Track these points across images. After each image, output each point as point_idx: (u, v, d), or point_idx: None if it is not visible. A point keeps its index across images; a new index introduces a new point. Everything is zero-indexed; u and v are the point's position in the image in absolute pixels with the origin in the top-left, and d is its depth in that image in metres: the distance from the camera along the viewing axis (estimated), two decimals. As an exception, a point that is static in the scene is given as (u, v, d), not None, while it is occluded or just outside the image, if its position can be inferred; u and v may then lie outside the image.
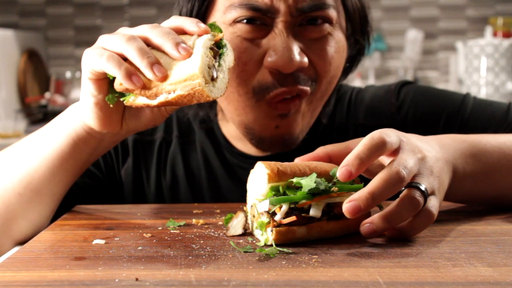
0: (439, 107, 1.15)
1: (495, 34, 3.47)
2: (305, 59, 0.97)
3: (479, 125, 1.12)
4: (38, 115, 3.49)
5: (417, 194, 0.77)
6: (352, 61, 1.14)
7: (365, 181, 0.85)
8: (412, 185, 0.77)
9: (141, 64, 0.77)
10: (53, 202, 0.96)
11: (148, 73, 0.77)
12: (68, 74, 3.53)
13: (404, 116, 1.16)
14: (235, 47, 0.97)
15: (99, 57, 0.81)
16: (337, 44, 1.02)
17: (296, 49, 0.96)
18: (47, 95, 3.44)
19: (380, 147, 0.77)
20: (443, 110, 1.15)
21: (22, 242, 0.94)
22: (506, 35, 3.49)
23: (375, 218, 0.76)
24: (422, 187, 0.78)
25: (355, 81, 3.68)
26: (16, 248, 0.85)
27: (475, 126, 1.12)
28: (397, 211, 0.76)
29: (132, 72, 0.78)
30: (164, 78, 0.76)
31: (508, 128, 1.11)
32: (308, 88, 0.99)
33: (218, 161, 1.15)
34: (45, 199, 0.94)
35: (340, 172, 0.75)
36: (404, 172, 0.76)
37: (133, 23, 3.75)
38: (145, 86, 0.77)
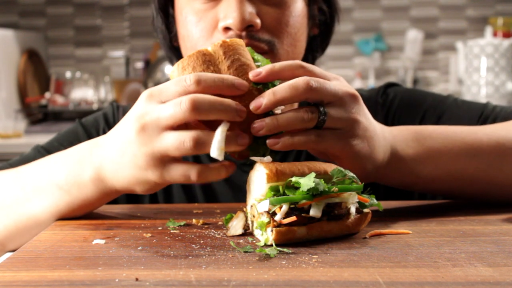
0: (418, 104, 1.19)
1: (495, 34, 3.47)
2: (258, 20, 1.01)
3: (453, 118, 1.14)
4: (38, 115, 3.49)
5: (312, 109, 0.79)
6: (321, 34, 1.18)
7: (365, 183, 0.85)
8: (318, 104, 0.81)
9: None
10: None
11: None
12: (68, 74, 3.53)
13: (386, 112, 1.19)
14: (192, 18, 1.05)
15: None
16: (295, 8, 1.06)
17: (248, 7, 1.00)
18: (47, 95, 3.44)
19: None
20: (421, 106, 1.18)
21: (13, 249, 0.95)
22: (506, 35, 3.49)
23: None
24: (321, 108, 0.80)
25: (355, 81, 3.68)
26: (8, 254, 0.85)
27: (449, 119, 1.14)
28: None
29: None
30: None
31: (480, 123, 1.11)
32: (264, 46, 1.02)
33: (208, 159, 1.15)
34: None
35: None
36: (314, 83, 0.79)
37: (133, 23, 3.75)
38: None
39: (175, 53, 1.19)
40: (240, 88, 0.77)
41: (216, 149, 0.75)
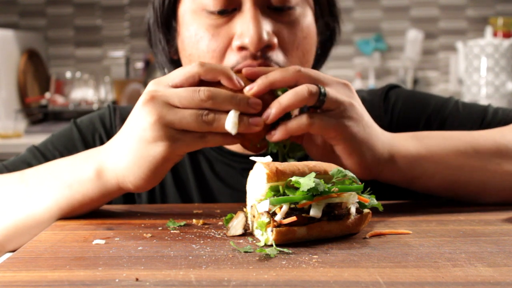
0: (421, 108, 1.18)
1: (495, 34, 3.47)
2: (275, 40, 0.97)
3: (455, 124, 1.14)
4: (38, 115, 3.49)
5: (313, 88, 0.84)
6: (324, 47, 1.16)
7: (365, 182, 0.85)
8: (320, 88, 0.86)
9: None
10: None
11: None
12: (68, 74, 3.53)
13: (389, 118, 1.18)
14: (203, 35, 0.99)
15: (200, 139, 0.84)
16: (307, 28, 1.03)
17: (265, 25, 0.96)
18: (47, 95, 3.44)
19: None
20: (425, 111, 1.17)
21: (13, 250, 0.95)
22: (506, 35, 3.49)
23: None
24: (321, 88, 0.85)
25: (355, 81, 3.68)
26: (8, 254, 0.85)
27: (452, 125, 1.14)
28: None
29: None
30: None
31: (482, 128, 1.11)
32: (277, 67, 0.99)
33: (205, 163, 1.15)
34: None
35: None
36: (303, 69, 0.86)
37: (133, 23, 3.75)
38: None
39: (174, 67, 1.12)
40: (255, 108, 0.84)
41: (230, 123, 0.82)
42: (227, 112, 0.83)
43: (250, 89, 0.85)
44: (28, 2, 3.75)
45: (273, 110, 0.84)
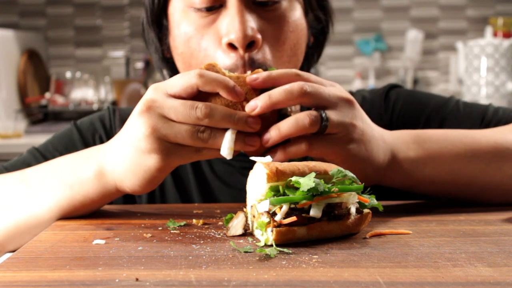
0: (421, 107, 1.18)
1: (495, 34, 3.47)
2: (259, 36, 0.98)
3: (455, 123, 1.14)
4: (38, 115, 3.49)
5: (315, 117, 0.82)
6: (317, 41, 1.16)
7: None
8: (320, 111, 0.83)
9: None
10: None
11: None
12: (68, 74, 3.53)
13: (389, 117, 1.19)
14: (193, 34, 1.00)
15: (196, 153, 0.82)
16: (294, 23, 1.03)
17: (250, 21, 0.97)
18: (47, 95, 3.44)
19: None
20: (424, 110, 1.18)
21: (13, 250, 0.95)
22: (506, 35, 3.49)
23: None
24: (323, 114, 0.83)
25: (355, 81, 3.68)
26: (8, 255, 0.85)
27: (451, 124, 1.14)
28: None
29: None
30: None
31: (482, 127, 1.12)
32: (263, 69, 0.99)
33: (205, 162, 1.15)
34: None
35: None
36: (308, 88, 0.82)
37: (133, 23, 3.75)
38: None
39: (167, 65, 1.14)
40: (252, 126, 0.81)
41: (226, 148, 0.81)
42: (224, 129, 0.81)
43: (251, 110, 0.82)
44: (28, 2, 3.75)
45: (273, 136, 0.83)
